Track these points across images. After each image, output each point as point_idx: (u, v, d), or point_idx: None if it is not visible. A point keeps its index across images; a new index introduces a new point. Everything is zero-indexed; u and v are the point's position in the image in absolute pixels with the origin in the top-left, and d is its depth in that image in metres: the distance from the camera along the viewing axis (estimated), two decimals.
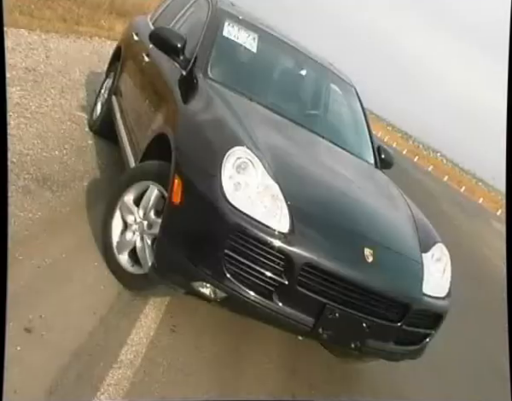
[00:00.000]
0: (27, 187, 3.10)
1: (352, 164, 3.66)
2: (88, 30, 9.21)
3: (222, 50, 3.65)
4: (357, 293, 2.46)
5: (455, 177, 48.32)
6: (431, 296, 2.74)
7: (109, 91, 4.63)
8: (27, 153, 3.47)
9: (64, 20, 8.66)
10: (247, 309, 2.42)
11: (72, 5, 10.11)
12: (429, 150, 62.52)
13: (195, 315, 2.85)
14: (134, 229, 2.82)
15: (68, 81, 5.43)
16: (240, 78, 3.70)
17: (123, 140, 3.73)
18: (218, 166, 2.44)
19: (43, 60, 5.60)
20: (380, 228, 2.82)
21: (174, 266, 2.49)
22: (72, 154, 3.86)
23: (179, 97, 3.17)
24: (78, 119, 4.62)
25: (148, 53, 3.99)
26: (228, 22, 3.74)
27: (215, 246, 2.35)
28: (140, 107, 3.71)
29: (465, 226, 14.14)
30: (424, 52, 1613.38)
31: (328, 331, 2.44)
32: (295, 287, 2.36)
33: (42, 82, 4.91)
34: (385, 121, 60.80)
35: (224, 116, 2.91)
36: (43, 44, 6.20)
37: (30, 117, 4.03)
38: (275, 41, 4.12)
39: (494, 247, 12.19)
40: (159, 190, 2.77)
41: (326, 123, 4.23)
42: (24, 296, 2.29)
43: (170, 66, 3.47)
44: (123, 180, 2.98)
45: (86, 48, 7.68)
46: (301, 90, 4.33)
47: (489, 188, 56.08)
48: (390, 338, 2.65)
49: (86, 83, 5.78)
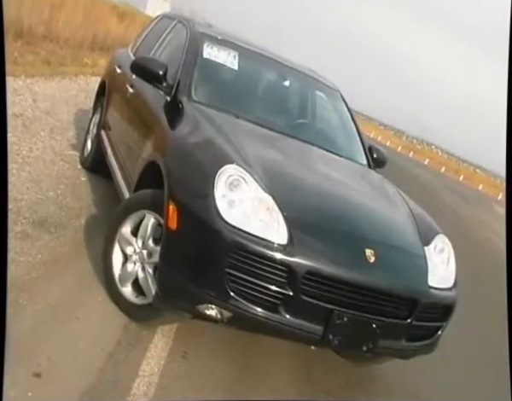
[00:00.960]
0: (25, 231, 3.11)
1: (344, 167, 3.66)
2: (72, 69, 9.32)
3: (204, 72, 3.68)
4: (363, 294, 2.45)
5: (452, 167, 48.36)
6: (438, 288, 2.73)
7: (98, 126, 4.66)
8: (22, 198, 3.48)
9: (48, 62, 8.76)
10: (254, 325, 2.41)
11: (54, 47, 10.25)
12: (423, 144, 62.70)
13: (205, 337, 2.82)
14: (134, 259, 2.81)
15: (57, 122, 5.47)
16: (224, 96, 3.73)
17: (115, 172, 3.75)
18: (211, 187, 2.45)
19: (30, 104, 5.65)
20: (378, 227, 2.81)
21: (177, 292, 2.48)
22: (66, 193, 3.87)
23: (166, 124, 3.19)
24: (69, 157, 4.65)
25: (131, 84, 4.03)
26: (207, 44, 3.77)
27: (216, 266, 2.35)
28: (129, 137, 3.74)
29: (467, 214, 14.08)
30: (413, 50, 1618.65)
31: (338, 337, 2.42)
32: (300, 296, 2.35)
33: (31, 126, 4.94)
34: (376, 121, 61.04)
35: (212, 136, 2.92)
36: (29, 89, 6.25)
37: (21, 162, 4.05)
38: (255, 56, 4.15)
39: (497, 231, 12.13)
40: (155, 218, 2.77)
41: (315, 130, 4.24)
42: (30, 340, 2.28)
43: (154, 94, 3.50)
44: (118, 212, 2.98)
45: (72, 87, 7.75)
46: (286, 101, 4.35)
47: (488, 173, 56.08)
48: (401, 335, 2.63)
49: (75, 121, 5.82)
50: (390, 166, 10.57)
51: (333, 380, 2.99)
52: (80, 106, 6.49)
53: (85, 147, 4.78)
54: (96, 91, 5.14)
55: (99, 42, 12.55)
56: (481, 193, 33.13)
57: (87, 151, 4.72)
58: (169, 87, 3.40)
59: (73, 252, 3.16)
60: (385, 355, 2.87)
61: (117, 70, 4.72)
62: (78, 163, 4.65)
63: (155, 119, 3.33)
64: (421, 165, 32.83)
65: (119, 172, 3.67)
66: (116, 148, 4.02)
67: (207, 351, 2.75)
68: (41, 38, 9.98)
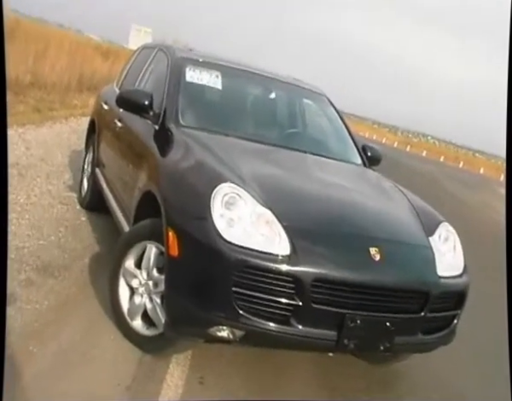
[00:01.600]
0: (29, 279, 3.10)
1: (339, 169, 3.65)
2: (62, 113, 9.40)
3: (188, 96, 3.69)
4: (373, 294, 2.42)
5: (451, 155, 48.28)
6: (448, 277, 2.70)
7: (92, 165, 4.68)
8: (24, 246, 3.49)
9: (38, 109, 8.84)
10: (267, 340, 2.38)
11: (42, 94, 10.35)
12: (419, 136, 62.80)
13: (221, 360, 2.79)
14: (141, 291, 2.80)
15: (52, 166, 5.50)
16: (211, 117, 3.74)
17: (113, 208, 3.75)
18: (207, 208, 2.44)
19: (24, 152, 5.68)
20: (380, 224, 2.79)
21: (187, 318, 2.46)
22: (68, 235, 3.87)
23: (157, 152, 3.19)
24: (67, 199, 4.66)
25: (119, 118, 4.05)
26: (189, 67, 3.79)
27: (222, 287, 2.33)
28: (123, 171, 3.75)
29: (470, 199, 13.99)
30: (397, 47, 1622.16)
31: (353, 340, 2.39)
32: (310, 305, 2.32)
33: (26, 174, 4.97)
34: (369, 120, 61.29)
35: (203, 159, 2.92)
36: (21, 138, 6.29)
37: (20, 210, 4.06)
38: (238, 73, 4.17)
39: (502, 212, 12.04)
40: (156, 247, 2.76)
41: (306, 137, 4.25)
42: (46, 386, 2.26)
43: (142, 125, 3.51)
44: (120, 246, 2.97)
45: (64, 130, 7.80)
46: (274, 113, 4.35)
47: (487, 156, 55.96)
48: (417, 330, 2.59)
49: (70, 163, 5.85)
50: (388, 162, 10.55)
51: (353, 383, 2.95)
52: (73, 147, 6.53)
53: (82, 187, 4.80)
54: (86, 130, 5.17)
55: (86, 82, 12.67)
56: (483, 176, 32.96)
57: (84, 190, 4.73)
58: (156, 116, 3.42)
59: (80, 292, 3.15)
60: (403, 351, 2.82)
61: (104, 106, 4.75)
62: (77, 203, 4.67)
63: (146, 149, 3.34)
64: (419, 158, 32.76)
65: (117, 207, 3.68)
66: (111, 183, 4.03)
67: (225, 374, 2.72)
68: (29, 87, 10.07)
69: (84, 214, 4.46)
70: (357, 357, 3.02)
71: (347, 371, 3.02)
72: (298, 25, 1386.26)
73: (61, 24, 36.37)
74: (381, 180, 3.63)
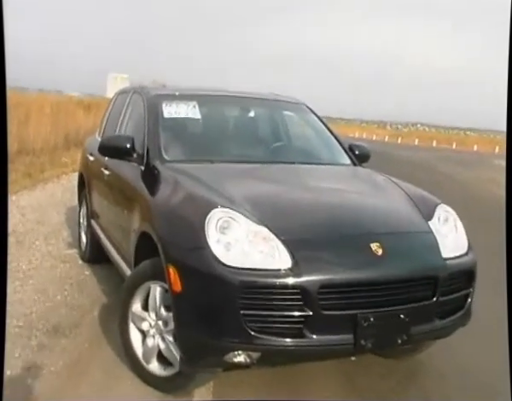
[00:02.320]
0: (41, 343, 3.07)
1: (329, 173, 3.64)
2: (53, 172, 9.47)
3: (169, 131, 3.70)
4: (381, 289, 2.39)
5: (442, 138, 48.34)
6: (453, 257, 2.67)
7: (87, 218, 4.69)
8: (31, 311, 3.47)
9: (29, 174, 8.91)
10: (285, 357, 2.36)
11: (31, 159, 10.44)
12: (409, 126, 63.09)
13: (242, 386, 2.74)
14: (152, 333, 2.77)
15: (49, 227, 5.51)
16: (194, 147, 3.74)
17: (113, 256, 3.74)
18: (203, 237, 2.43)
19: (20, 219, 5.71)
20: (377, 219, 2.76)
21: (201, 350, 2.43)
22: (73, 292, 3.86)
23: (146, 192, 3.19)
24: (69, 257, 4.66)
25: (105, 166, 4.07)
26: (165, 103, 3.80)
27: (230, 312, 2.31)
28: (116, 217, 3.74)
29: (467, 177, 13.91)
30: (367, 44, 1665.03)
31: (370, 339, 2.35)
32: (321, 313, 2.29)
33: (25, 240, 4.98)
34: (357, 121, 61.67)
35: (192, 189, 2.91)
36: (16, 205, 6.32)
37: (23, 277, 4.06)
38: (215, 99, 4.20)
39: (497, 181, 11.98)
40: (160, 286, 2.74)
41: (292, 149, 4.24)
42: None
43: (128, 168, 3.52)
44: (124, 292, 2.95)
45: (57, 189, 7.84)
46: (256, 131, 4.36)
47: (479, 132, 56.09)
48: (432, 316, 2.56)
49: (66, 220, 5.86)
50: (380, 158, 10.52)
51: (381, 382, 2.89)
52: (68, 204, 6.55)
53: (81, 241, 4.80)
54: (77, 185, 5.19)
55: (72, 139, 12.80)
56: (477, 153, 32.90)
57: (83, 245, 4.73)
58: (140, 156, 3.42)
59: (93, 346, 3.12)
60: (422, 340, 2.78)
61: (90, 158, 4.78)
62: (79, 259, 4.66)
63: (135, 191, 3.34)
64: (412, 147, 32.78)
65: (117, 254, 3.67)
66: (108, 232, 4.03)
67: (250, 395, 2.66)
68: (17, 155, 10.17)
69: (87, 268, 4.45)
70: (378, 355, 2.96)
71: (372, 371, 2.97)
72: (265, 44, 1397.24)
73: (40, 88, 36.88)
74: (372, 175, 3.62)
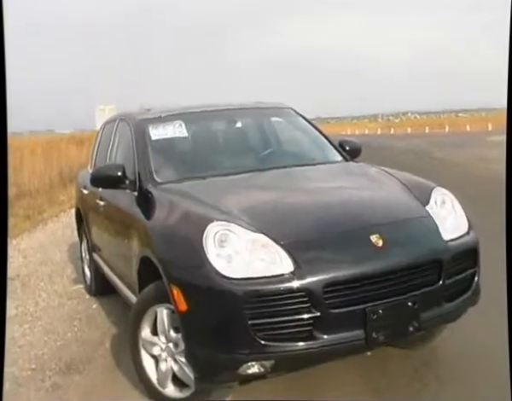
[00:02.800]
0: (55, 383, 3.05)
1: (322, 172, 3.63)
2: (52, 211, 9.48)
3: (158, 153, 3.69)
4: (386, 279, 2.37)
5: (434, 123, 48.36)
6: (454, 239, 2.66)
7: (88, 251, 4.69)
8: (43, 352, 3.45)
9: (28, 217, 8.93)
10: (298, 361, 2.33)
11: (29, 201, 10.46)
12: (399, 116, 63.25)
13: (261, 396, 2.71)
14: (164, 357, 2.75)
15: (52, 266, 5.50)
16: (185, 165, 3.73)
17: (118, 285, 3.73)
18: (202, 253, 2.42)
19: (23, 262, 5.71)
20: (374, 210, 2.75)
21: (214, 367, 2.41)
22: (83, 327, 3.84)
23: (142, 217, 3.18)
24: (75, 293, 4.65)
25: (100, 197, 4.06)
26: (151, 126, 3.80)
27: (238, 324, 2.29)
28: (116, 246, 3.73)
29: (462, 158, 13.83)
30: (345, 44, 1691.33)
31: (381, 331, 2.33)
32: (329, 312, 2.28)
33: (29, 282, 4.97)
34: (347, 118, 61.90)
35: (187, 208, 2.90)
36: (17, 249, 6.33)
37: (31, 319, 4.05)
38: (200, 115, 4.19)
39: (496, 158, 11.96)
40: (166, 308, 2.72)
41: (282, 153, 4.23)
42: None
43: (122, 195, 3.51)
44: (132, 320, 2.93)
45: (57, 227, 7.84)
46: (245, 141, 4.35)
47: (470, 112, 56.18)
48: (440, 300, 2.53)
49: (69, 257, 5.86)
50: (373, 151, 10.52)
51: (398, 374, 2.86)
52: (69, 241, 6.54)
53: (85, 275, 4.80)
54: (75, 220, 5.19)
55: (67, 176, 12.83)
56: (470, 132, 32.84)
57: (88, 279, 4.73)
58: (132, 183, 3.42)
59: (108, 378, 3.09)
60: (434, 325, 2.74)
61: (84, 192, 4.78)
62: (85, 293, 4.65)
63: (132, 217, 3.33)
64: (405, 136, 32.78)
65: (121, 283, 3.65)
66: (110, 262, 4.02)
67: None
68: (14, 199, 10.18)
69: (94, 301, 4.43)
70: (391, 346, 2.93)
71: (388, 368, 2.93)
72: (243, 55, 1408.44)
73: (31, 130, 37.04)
74: (365, 168, 3.61)
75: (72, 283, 4.94)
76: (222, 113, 4.29)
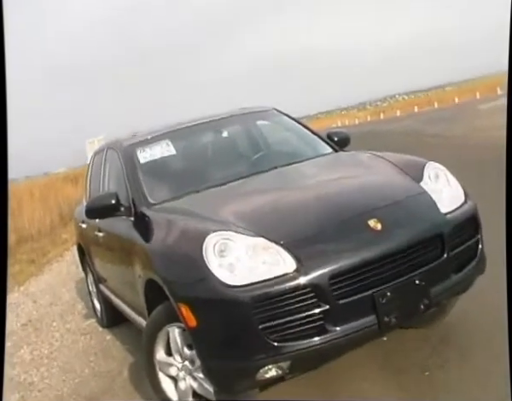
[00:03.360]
0: None
1: (313, 166, 3.61)
2: (56, 251, 9.48)
3: (149, 175, 3.68)
4: (390, 262, 2.35)
5: (423, 101, 48.38)
6: (453, 210, 2.65)
7: (95, 284, 4.68)
8: (62, 392, 3.44)
9: (32, 261, 8.91)
10: (314, 357, 2.31)
11: (32, 245, 10.46)
12: (387, 100, 63.39)
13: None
14: (182, 376, 2.72)
15: (62, 305, 5.49)
16: (177, 183, 3.72)
17: (128, 312, 3.71)
18: (204, 266, 2.40)
19: (33, 306, 5.69)
20: (369, 195, 2.74)
21: (232, 377, 2.40)
22: (99, 360, 3.83)
23: (141, 240, 3.16)
24: (87, 327, 4.63)
25: (98, 228, 4.06)
26: (139, 150, 3.80)
27: (249, 330, 2.27)
28: (121, 274, 3.71)
29: (454, 130, 13.75)
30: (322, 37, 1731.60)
31: (393, 314, 2.31)
32: (338, 303, 2.26)
33: (41, 325, 4.96)
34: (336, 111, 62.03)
35: (184, 223, 2.89)
36: (26, 294, 6.32)
37: (48, 362, 4.03)
38: (186, 131, 4.17)
39: (489, 125, 11.94)
40: (177, 327, 2.70)
41: (272, 154, 4.22)
42: None
43: (119, 223, 3.49)
44: (145, 344, 2.90)
45: (62, 266, 7.84)
46: (234, 148, 4.35)
47: (457, 85, 56.25)
48: (447, 273, 2.51)
49: (78, 293, 5.84)
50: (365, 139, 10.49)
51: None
52: (76, 278, 6.53)
53: (95, 309, 4.78)
54: (77, 256, 5.19)
55: (67, 214, 12.82)
56: (459, 104, 32.79)
57: (98, 311, 4.71)
58: (127, 208, 3.41)
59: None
60: (445, 299, 2.71)
61: (82, 226, 4.77)
62: (98, 326, 4.63)
63: (131, 243, 3.31)
64: (395, 119, 32.73)
65: (131, 310, 3.63)
66: (117, 291, 4.00)
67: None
68: (16, 246, 10.19)
69: (107, 333, 4.41)
70: (406, 327, 2.90)
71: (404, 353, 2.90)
72: (220, 64, 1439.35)
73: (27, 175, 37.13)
74: (355, 156, 3.60)
75: (84, 319, 4.92)
76: (207, 125, 4.27)
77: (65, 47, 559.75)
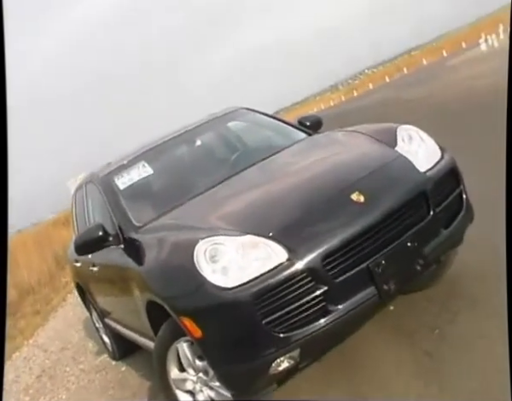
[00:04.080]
0: None
1: (290, 154, 3.61)
2: (59, 297, 9.42)
3: (131, 199, 3.66)
4: (378, 231, 2.36)
5: (392, 70, 48.67)
6: (431, 167, 2.66)
7: (100, 319, 4.65)
8: None
9: (37, 312, 8.85)
10: (324, 340, 2.30)
11: (34, 296, 10.38)
12: (357, 77, 63.72)
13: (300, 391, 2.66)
14: (199, 388, 2.71)
15: (73, 348, 5.48)
16: (160, 200, 3.70)
17: (136, 339, 3.68)
18: (198, 275, 2.38)
19: (44, 356, 5.66)
20: (347, 171, 2.75)
21: (246, 378, 2.39)
22: (117, 393, 3.82)
23: (135, 265, 3.14)
24: (101, 364, 4.61)
25: (92, 263, 4.03)
26: (116, 177, 3.78)
27: (254, 328, 2.26)
28: (123, 304, 3.69)
29: (429, 91, 13.86)
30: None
31: (391, 281, 2.31)
32: (335, 282, 2.26)
33: (55, 373, 4.94)
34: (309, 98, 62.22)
35: (172, 238, 2.88)
36: (36, 346, 6.33)
37: None
38: (159, 148, 4.15)
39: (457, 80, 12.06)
40: (185, 342, 2.69)
41: (249, 152, 4.21)
42: None
43: (111, 253, 3.47)
44: (157, 365, 2.88)
45: (67, 310, 7.81)
46: (211, 155, 4.34)
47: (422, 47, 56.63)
48: (437, 229, 2.52)
49: (86, 332, 5.81)
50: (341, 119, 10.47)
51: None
52: (82, 317, 6.48)
53: (105, 343, 4.76)
54: (78, 296, 5.16)
55: (62, 258, 12.77)
56: (428, 65, 33.05)
57: (108, 345, 4.69)
58: (115, 237, 3.38)
59: None
60: (440, 256, 2.70)
61: (77, 265, 4.74)
62: (111, 361, 4.60)
63: (126, 270, 3.29)
64: (368, 93, 32.93)
65: (139, 336, 3.61)
66: (122, 321, 3.98)
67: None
68: (18, 301, 10.09)
69: (121, 364, 4.40)
70: (408, 293, 2.90)
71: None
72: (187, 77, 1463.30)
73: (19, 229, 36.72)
74: (328, 136, 3.62)
75: (96, 356, 4.90)
76: (180, 138, 4.27)
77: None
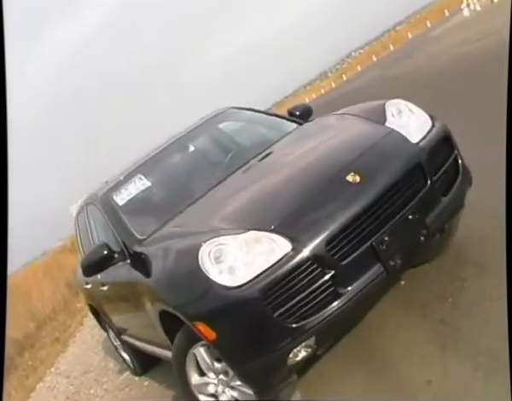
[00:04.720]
0: None
1: (283, 145, 3.62)
2: (76, 323, 9.46)
3: (131, 214, 3.67)
4: (378, 208, 2.36)
5: (378, 48, 48.60)
6: (423, 137, 2.67)
7: (117, 337, 4.67)
8: None
9: (56, 339, 8.88)
10: (337, 324, 2.32)
11: (51, 324, 10.38)
12: (345, 60, 63.69)
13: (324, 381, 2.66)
14: (221, 390, 2.72)
15: (95, 370, 5.53)
16: (160, 211, 3.70)
17: (155, 351, 3.68)
18: (204, 278, 2.39)
19: (67, 382, 5.76)
20: (340, 153, 2.76)
21: (265, 372, 2.40)
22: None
23: (143, 278, 3.14)
24: (123, 382, 4.64)
25: (101, 283, 4.04)
26: (115, 194, 3.79)
27: (266, 322, 2.27)
28: (137, 319, 3.70)
29: (414, 65, 13.86)
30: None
31: (396, 256, 2.33)
32: (341, 265, 2.27)
33: (80, 397, 5.05)
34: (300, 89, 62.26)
35: (176, 245, 2.88)
36: (57, 373, 6.36)
37: None
38: (154, 159, 4.17)
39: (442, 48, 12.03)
40: (201, 346, 2.70)
41: (243, 150, 4.21)
42: None
43: (119, 270, 3.47)
44: (177, 373, 2.89)
45: (85, 333, 7.87)
46: (205, 159, 4.35)
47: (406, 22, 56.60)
48: (436, 197, 2.52)
49: (106, 353, 5.85)
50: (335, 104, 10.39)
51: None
52: (100, 339, 6.53)
53: (125, 360, 4.77)
54: (93, 317, 5.18)
55: (74, 283, 12.84)
56: (413, 39, 33.03)
57: (129, 362, 4.71)
58: (121, 253, 3.40)
59: None
60: (443, 224, 2.69)
61: (87, 287, 4.76)
62: (134, 377, 4.61)
63: (136, 285, 3.30)
64: (357, 75, 32.94)
65: (157, 348, 3.61)
66: (139, 335, 4.00)
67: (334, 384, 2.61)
68: (37, 332, 10.11)
69: (144, 379, 4.42)
70: (418, 265, 2.89)
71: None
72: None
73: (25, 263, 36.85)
74: (319, 122, 3.63)
75: (118, 374, 4.92)
76: (173, 145, 4.28)
77: None
